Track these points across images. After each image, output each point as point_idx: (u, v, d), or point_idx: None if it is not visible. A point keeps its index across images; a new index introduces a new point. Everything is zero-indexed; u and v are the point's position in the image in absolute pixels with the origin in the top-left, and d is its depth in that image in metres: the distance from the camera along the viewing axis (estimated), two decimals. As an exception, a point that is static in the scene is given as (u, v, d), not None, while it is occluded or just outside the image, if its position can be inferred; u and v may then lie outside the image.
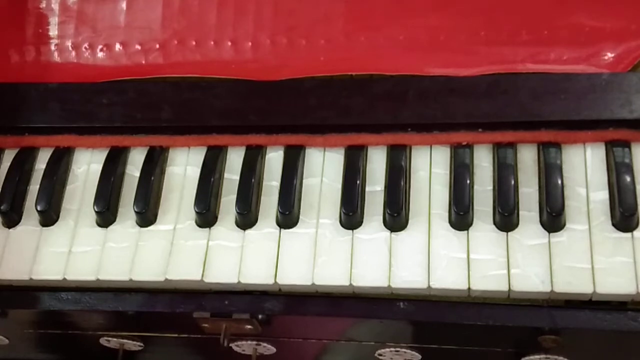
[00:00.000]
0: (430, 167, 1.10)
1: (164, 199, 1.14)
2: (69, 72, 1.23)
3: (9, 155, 1.20)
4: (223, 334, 1.10)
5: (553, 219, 1.03)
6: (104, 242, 1.12)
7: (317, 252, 1.07)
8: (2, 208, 1.15)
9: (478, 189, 1.07)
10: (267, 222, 1.10)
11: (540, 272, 1.01)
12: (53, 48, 1.25)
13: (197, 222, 1.11)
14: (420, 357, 1.14)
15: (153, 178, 1.14)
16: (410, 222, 1.07)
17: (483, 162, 1.09)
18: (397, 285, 1.04)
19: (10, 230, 1.16)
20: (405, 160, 1.10)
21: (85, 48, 1.24)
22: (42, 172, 1.17)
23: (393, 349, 1.13)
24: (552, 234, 1.03)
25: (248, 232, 1.10)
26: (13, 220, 1.16)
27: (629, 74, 1.09)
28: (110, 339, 1.20)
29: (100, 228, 1.13)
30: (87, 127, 1.19)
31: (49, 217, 1.15)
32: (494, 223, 1.05)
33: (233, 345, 1.17)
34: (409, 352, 1.13)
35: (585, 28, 1.12)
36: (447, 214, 1.06)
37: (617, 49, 1.11)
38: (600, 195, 1.05)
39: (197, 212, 1.10)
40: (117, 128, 1.18)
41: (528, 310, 1.03)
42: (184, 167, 1.16)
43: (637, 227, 1.02)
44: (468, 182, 1.07)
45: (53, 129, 1.19)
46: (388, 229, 1.07)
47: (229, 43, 1.20)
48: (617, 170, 1.04)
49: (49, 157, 1.18)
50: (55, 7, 1.26)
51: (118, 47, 1.23)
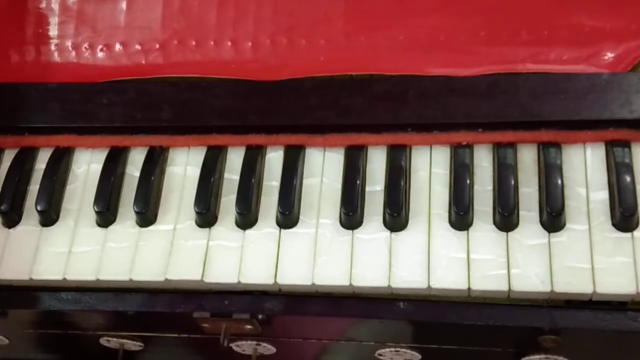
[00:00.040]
0: (430, 167, 1.10)
1: (164, 199, 1.14)
2: (69, 72, 1.23)
3: (9, 155, 1.20)
4: (223, 334, 1.10)
5: (553, 219, 1.03)
6: (104, 242, 1.12)
7: (317, 252, 1.07)
8: (2, 208, 1.15)
9: (478, 189, 1.07)
10: (267, 222, 1.10)
11: (540, 272, 1.01)
12: (53, 48, 1.25)
13: (197, 222, 1.11)
14: (420, 357, 1.14)
15: (153, 178, 1.14)
16: (410, 222, 1.07)
17: (483, 162, 1.09)
18: (397, 285, 1.04)
19: (10, 230, 1.16)
20: (405, 160, 1.10)
21: (85, 48, 1.24)
22: (42, 172, 1.17)
23: (393, 349, 1.13)
24: (552, 234, 1.03)
25: (248, 232, 1.10)
26: (13, 220, 1.16)
27: (629, 74, 1.09)
28: (110, 339, 1.20)
29: (100, 228, 1.13)
30: (87, 127, 1.19)
31: (49, 217, 1.15)
32: (494, 223, 1.05)
33: (233, 345, 1.17)
34: (409, 352, 1.13)
35: (585, 28, 1.12)
36: (447, 214, 1.06)
37: (617, 49, 1.11)
38: (600, 195, 1.05)
39: (197, 212, 1.10)
40: (117, 128, 1.18)
41: (528, 310, 1.03)
42: (184, 167, 1.16)
43: (637, 227, 1.02)
44: (468, 182, 1.07)
45: (53, 129, 1.19)
46: (388, 229, 1.07)
47: (229, 43, 1.20)
48: (617, 170, 1.04)
49: (49, 157, 1.18)
50: (55, 7, 1.26)
51: (118, 47, 1.23)
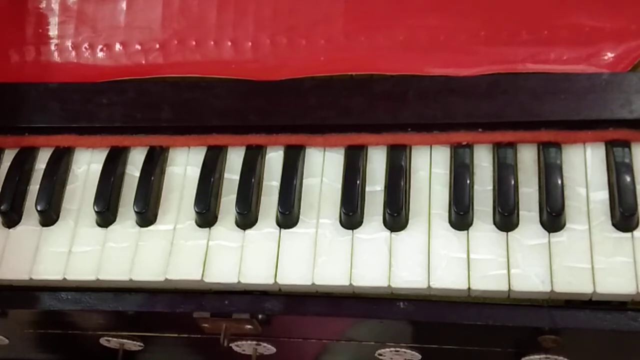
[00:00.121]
0: (430, 167, 1.10)
1: (164, 199, 1.14)
2: (69, 72, 1.23)
3: (9, 155, 1.20)
4: (223, 334, 1.10)
5: (553, 219, 1.03)
6: (104, 242, 1.12)
7: (317, 252, 1.07)
8: (2, 208, 1.15)
9: (478, 189, 1.07)
10: (267, 222, 1.10)
11: (540, 272, 1.01)
12: (53, 48, 1.25)
13: (197, 222, 1.11)
14: (420, 357, 1.13)
15: (153, 178, 1.14)
16: (410, 222, 1.07)
17: (483, 162, 1.09)
18: (397, 285, 1.04)
19: (10, 230, 1.16)
20: (405, 160, 1.10)
21: (85, 48, 1.24)
22: (42, 172, 1.17)
23: (393, 349, 1.13)
24: (552, 234, 1.03)
25: (248, 232, 1.10)
26: (13, 220, 1.16)
27: (629, 74, 1.09)
28: (110, 339, 1.20)
29: (100, 228, 1.13)
30: (87, 127, 1.19)
31: (49, 217, 1.15)
32: (494, 223, 1.05)
33: (233, 345, 1.17)
34: (409, 352, 1.13)
35: (585, 28, 1.12)
36: (447, 214, 1.06)
37: (617, 49, 1.11)
38: (600, 195, 1.05)
39: (197, 212, 1.10)
40: (117, 128, 1.18)
41: (528, 310, 1.03)
42: (184, 167, 1.16)
43: (637, 227, 1.02)
44: (468, 182, 1.07)
45: (53, 129, 1.19)
46: (388, 229, 1.07)
47: (229, 43, 1.20)
48: (617, 170, 1.04)
49: (49, 157, 1.18)
50: (55, 7, 1.26)
51: (118, 47, 1.23)
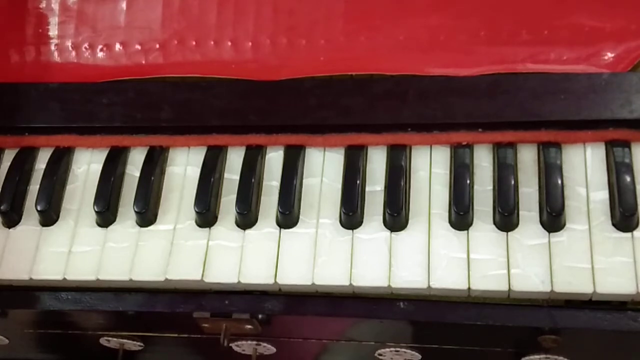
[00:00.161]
0: (430, 167, 1.10)
1: (164, 199, 1.14)
2: (69, 72, 1.23)
3: (9, 155, 1.20)
4: (223, 334, 1.10)
5: (553, 219, 1.03)
6: (104, 242, 1.12)
7: (317, 252, 1.07)
8: (2, 208, 1.15)
9: (478, 189, 1.07)
10: (267, 222, 1.10)
11: (540, 272, 1.01)
12: (53, 48, 1.25)
13: (197, 222, 1.11)
14: (420, 357, 1.13)
15: (153, 178, 1.14)
16: (410, 222, 1.07)
17: (483, 162, 1.09)
18: (397, 285, 1.04)
19: (10, 230, 1.16)
20: (405, 160, 1.10)
21: (85, 48, 1.24)
22: (42, 172, 1.17)
23: (393, 349, 1.13)
24: (552, 234, 1.03)
25: (248, 232, 1.10)
26: (13, 220, 1.16)
27: (629, 74, 1.09)
28: (110, 339, 1.20)
29: (100, 228, 1.13)
30: (87, 127, 1.19)
31: (49, 217, 1.15)
32: (494, 223, 1.05)
33: (233, 345, 1.17)
34: (409, 352, 1.13)
35: (585, 28, 1.12)
36: (447, 214, 1.06)
37: (617, 49, 1.11)
38: (600, 195, 1.05)
39: (197, 212, 1.10)
40: (117, 128, 1.18)
41: (528, 310, 1.03)
42: (184, 167, 1.16)
43: (637, 227, 1.02)
44: (468, 182, 1.07)
45: (53, 129, 1.19)
46: (388, 229, 1.07)
47: (229, 43, 1.20)
48: (617, 170, 1.04)
49: (49, 157, 1.18)
50: (55, 7, 1.26)
51: (118, 47, 1.23)
